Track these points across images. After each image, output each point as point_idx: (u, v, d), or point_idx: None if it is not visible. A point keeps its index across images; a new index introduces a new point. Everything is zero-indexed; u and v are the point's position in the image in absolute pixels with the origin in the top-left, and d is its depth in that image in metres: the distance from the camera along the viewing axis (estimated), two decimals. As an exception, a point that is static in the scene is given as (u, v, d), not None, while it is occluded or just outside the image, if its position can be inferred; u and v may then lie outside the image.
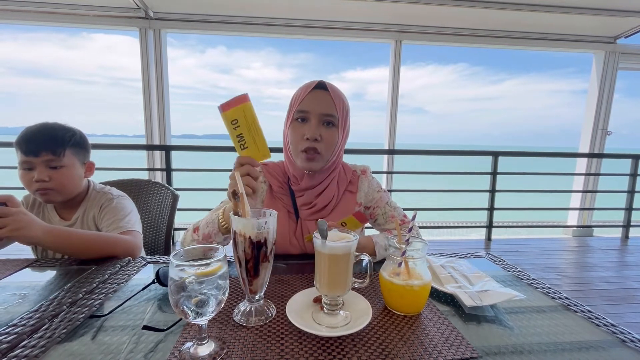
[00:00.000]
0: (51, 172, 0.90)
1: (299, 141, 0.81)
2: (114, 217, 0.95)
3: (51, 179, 0.89)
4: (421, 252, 0.59)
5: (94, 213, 0.98)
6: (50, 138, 0.90)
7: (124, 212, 0.97)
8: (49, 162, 0.89)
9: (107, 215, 0.96)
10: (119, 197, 1.02)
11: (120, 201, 1.00)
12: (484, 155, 3.27)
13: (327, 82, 0.83)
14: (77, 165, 0.96)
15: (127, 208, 0.99)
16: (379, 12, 2.94)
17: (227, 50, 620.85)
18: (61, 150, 0.90)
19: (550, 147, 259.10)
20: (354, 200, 0.92)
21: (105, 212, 0.97)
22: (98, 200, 0.99)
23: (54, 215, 0.98)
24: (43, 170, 0.89)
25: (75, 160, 0.95)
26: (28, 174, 0.89)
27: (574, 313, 0.60)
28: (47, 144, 0.89)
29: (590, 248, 3.09)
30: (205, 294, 0.44)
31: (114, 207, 0.97)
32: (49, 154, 0.88)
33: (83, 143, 0.97)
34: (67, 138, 0.93)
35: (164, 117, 3.10)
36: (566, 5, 2.82)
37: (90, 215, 0.98)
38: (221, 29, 3.03)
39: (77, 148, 0.95)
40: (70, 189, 0.95)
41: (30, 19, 2.84)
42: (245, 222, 0.53)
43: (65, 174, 0.92)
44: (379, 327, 0.54)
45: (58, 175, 0.91)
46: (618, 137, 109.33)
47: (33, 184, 0.89)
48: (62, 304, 0.59)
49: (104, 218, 0.96)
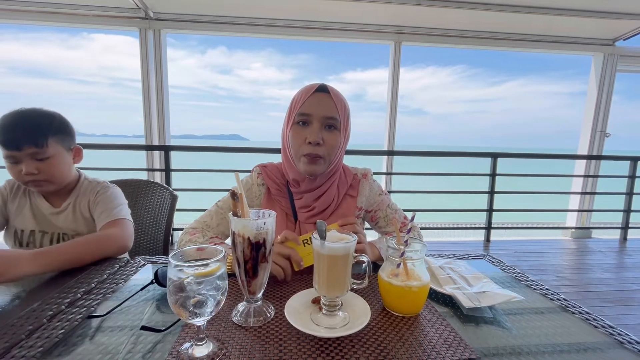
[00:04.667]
0: (38, 164, 0.86)
1: (300, 145, 0.81)
2: (107, 204, 0.95)
3: (40, 171, 0.86)
4: (420, 253, 0.59)
5: (88, 199, 0.97)
6: (29, 130, 0.85)
7: (117, 201, 0.97)
8: (33, 155, 0.85)
9: (101, 202, 0.95)
10: (113, 186, 1.02)
11: (114, 190, 1.00)
12: (483, 156, 3.28)
13: (328, 85, 0.83)
14: (64, 153, 0.92)
15: (119, 198, 1.00)
16: (379, 14, 2.94)
17: (227, 51, 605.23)
18: (43, 142, 0.85)
19: (549, 149, 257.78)
20: (354, 204, 0.92)
21: (100, 200, 0.96)
22: (93, 188, 0.99)
23: (42, 202, 0.95)
24: (30, 163, 0.85)
25: (61, 148, 0.91)
26: (15, 167, 0.86)
27: (572, 314, 0.60)
28: (28, 137, 0.84)
29: (588, 250, 3.10)
30: (204, 295, 0.44)
31: (109, 195, 0.97)
32: (31, 147, 0.84)
33: (65, 128, 0.93)
34: (47, 126, 0.88)
35: (163, 118, 3.10)
36: (565, 8, 2.84)
37: (84, 202, 0.97)
38: (221, 29, 3.03)
39: (60, 135, 0.90)
40: (62, 178, 0.93)
41: (31, 18, 2.84)
42: (244, 223, 0.53)
43: (53, 163, 0.89)
44: (377, 328, 0.54)
45: (46, 167, 0.87)
46: (616, 139, 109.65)
47: (22, 176, 0.86)
48: (61, 304, 0.59)
49: (98, 205, 0.95)
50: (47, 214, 0.95)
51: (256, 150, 2.92)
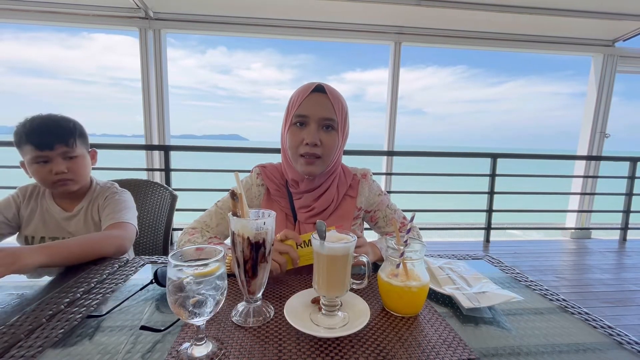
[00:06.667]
0: (68, 163, 0.93)
1: (298, 145, 0.81)
2: (114, 207, 0.98)
3: (69, 169, 0.93)
4: (419, 253, 0.59)
5: (98, 203, 1.01)
6: (60, 130, 0.92)
7: (123, 205, 1.00)
8: (65, 154, 0.92)
9: (108, 206, 0.99)
10: (122, 191, 1.06)
11: (122, 195, 1.04)
12: (483, 157, 3.28)
13: (325, 85, 0.82)
14: (86, 154, 1.00)
15: (127, 202, 1.03)
16: (379, 14, 2.94)
17: (227, 51, 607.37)
18: (73, 141, 0.93)
19: (549, 150, 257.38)
20: (354, 205, 0.92)
21: (107, 203, 1.00)
22: (104, 192, 1.03)
23: (54, 206, 0.98)
24: (60, 162, 0.91)
25: (84, 149, 0.98)
26: (44, 167, 0.90)
27: (571, 315, 0.60)
28: (60, 136, 0.91)
29: (588, 250, 3.10)
30: (203, 295, 0.44)
31: (116, 200, 1.01)
32: (63, 146, 0.91)
33: (84, 132, 1.00)
34: (73, 128, 0.95)
35: (163, 117, 3.10)
36: (565, 9, 2.84)
37: (95, 206, 1.01)
38: (221, 29, 3.03)
39: (82, 138, 0.98)
40: (85, 177, 0.99)
41: (31, 18, 2.84)
42: (244, 223, 0.53)
43: (81, 162, 0.96)
44: (377, 328, 0.54)
45: (74, 165, 0.94)
46: (616, 140, 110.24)
47: (51, 176, 0.90)
48: (60, 304, 0.59)
49: (106, 207, 0.99)
50: (59, 219, 0.98)
51: (256, 150, 2.92)
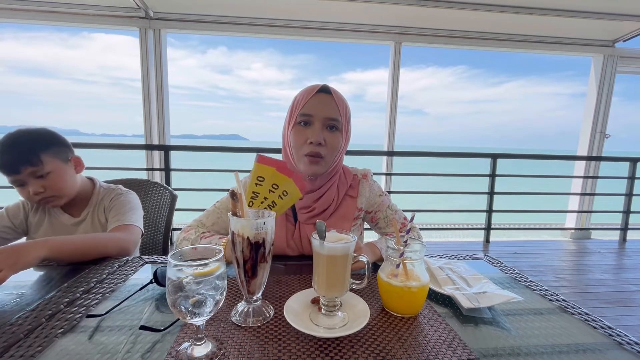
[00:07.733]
0: (42, 182, 0.88)
1: (302, 145, 0.81)
2: (120, 209, 0.98)
3: (45, 188, 0.89)
4: (419, 253, 0.59)
5: (104, 205, 1.00)
6: (21, 151, 0.86)
7: (128, 206, 1.00)
8: (34, 174, 0.87)
9: (114, 208, 0.99)
10: (128, 192, 1.05)
11: (127, 196, 1.03)
12: (483, 157, 3.28)
13: (330, 86, 0.83)
14: (62, 166, 0.93)
15: (132, 203, 1.02)
16: (379, 14, 2.94)
17: (227, 51, 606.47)
18: (37, 159, 0.87)
19: (549, 150, 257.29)
20: (354, 205, 0.92)
21: (114, 205, 0.99)
22: (109, 194, 1.02)
23: (62, 214, 0.98)
24: (34, 183, 0.87)
25: (58, 162, 0.91)
26: (23, 190, 0.89)
27: (571, 315, 0.60)
28: (22, 158, 0.85)
29: (588, 251, 3.10)
30: (203, 294, 0.44)
31: (121, 201, 1.00)
32: (28, 167, 0.86)
33: (55, 141, 0.93)
34: (37, 144, 0.88)
35: (163, 117, 3.10)
36: (565, 9, 2.84)
37: (101, 209, 1.00)
38: (222, 29, 3.03)
39: (52, 149, 0.91)
40: (69, 190, 0.95)
41: (31, 17, 2.84)
42: (244, 223, 0.53)
43: (54, 178, 0.90)
44: (376, 328, 0.54)
45: (49, 183, 0.89)
46: (616, 140, 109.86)
47: (32, 197, 0.89)
48: (59, 304, 0.59)
49: (112, 209, 0.98)
50: (68, 225, 0.98)
51: (256, 151, 2.92)
